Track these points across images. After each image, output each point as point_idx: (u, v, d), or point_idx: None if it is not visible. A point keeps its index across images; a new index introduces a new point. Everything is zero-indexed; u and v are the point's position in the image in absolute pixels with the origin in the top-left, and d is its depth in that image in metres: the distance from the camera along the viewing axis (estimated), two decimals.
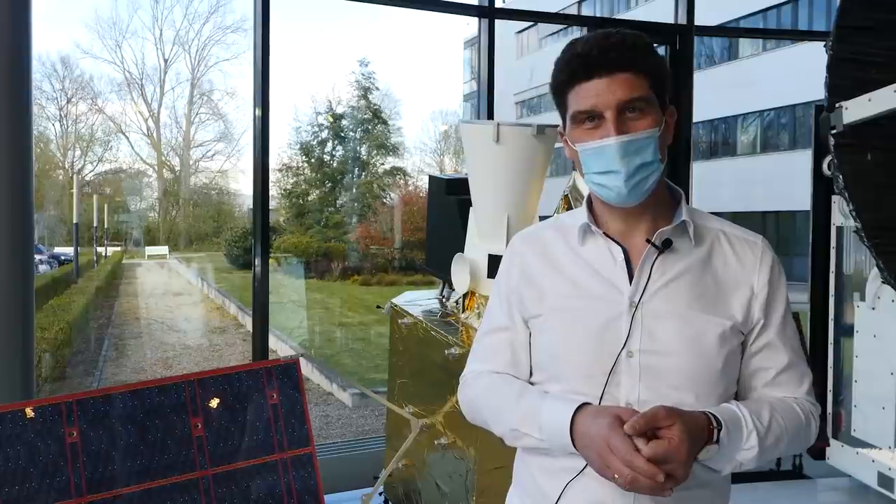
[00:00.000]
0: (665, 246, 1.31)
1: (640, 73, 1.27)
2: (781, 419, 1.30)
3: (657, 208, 1.35)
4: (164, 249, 21.31)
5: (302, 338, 14.88)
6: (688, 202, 1.40)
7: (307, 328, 15.88)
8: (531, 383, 1.41)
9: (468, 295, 2.98)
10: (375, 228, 21.39)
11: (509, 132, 2.74)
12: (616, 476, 1.17)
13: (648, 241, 1.32)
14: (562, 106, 1.34)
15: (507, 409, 1.38)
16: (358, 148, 24.20)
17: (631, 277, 1.32)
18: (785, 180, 19.75)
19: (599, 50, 1.26)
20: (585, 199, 1.42)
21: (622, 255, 1.33)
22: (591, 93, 1.26)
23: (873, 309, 3.57)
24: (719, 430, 1.21)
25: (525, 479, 1.43)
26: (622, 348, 1.28)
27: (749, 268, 1.35)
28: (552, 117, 1.43)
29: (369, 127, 24.05)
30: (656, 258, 1.31)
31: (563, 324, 1.34)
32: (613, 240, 1.34)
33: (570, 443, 1.24)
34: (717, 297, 1.32)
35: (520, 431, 1.34)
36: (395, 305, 3.29)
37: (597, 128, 1.28)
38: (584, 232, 1.37)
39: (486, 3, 4.45)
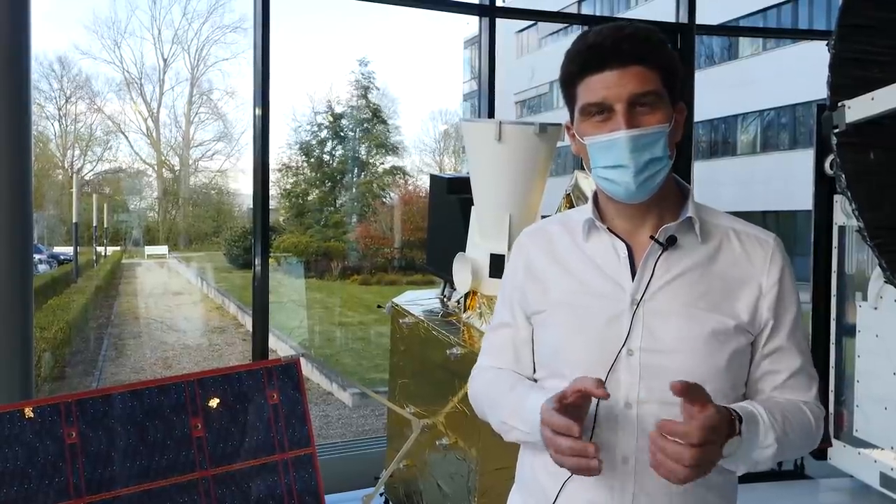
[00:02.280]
0: (670, 243, 1.29)
1: (652, 67, 1.24)
2: (793, 420, 1.28)
3: (664, 204, 1.33)
4: (163, 249, 21.28)
5: (302, 337, 14.87)
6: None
7: (307, 328, 15.88)
8: (534, 380, 1.41)
9: (469, 295, 2.96)
10: (375, 228, 21.38)
11: (511, 131, 2.73)
12: (554, 451, 1.16)
13: (653, 237, 1.30)
14: (570, 98, 1.31)
15: (500, 403, 1.38)
16: (357, 147, 24.19)
17: (634, 274, 1.30)
18: (785, 180, 19.75)
19: (612, 41, 1.23)
20: (591, 194, 1.40)
21: (626, 252, 1.31)
22: (601, 85, 1.23)
23: (875, 309, 3.57)
24: (741, 422, 1.18)
25: (527, 478, 1.42)
26: (622, 346, 1.26)
27: (758, 266, 1.32)
28: (552, 117, 1.43)
29: (368, 126, 24.03)
30: (660, 255, 1.29)
31: (566, 320, 1.33)
32: (618, 236, 1.33)
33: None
34: (723, 296, 1.29)
35: (508, 424, 1.34)
36: (397, 305, 3.28)
37: (606, 121, 1.25)
38: (589, 227, 1.35)
39: (487, 2, 4.44)
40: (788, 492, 3.92)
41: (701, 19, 4.77)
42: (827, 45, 2.63)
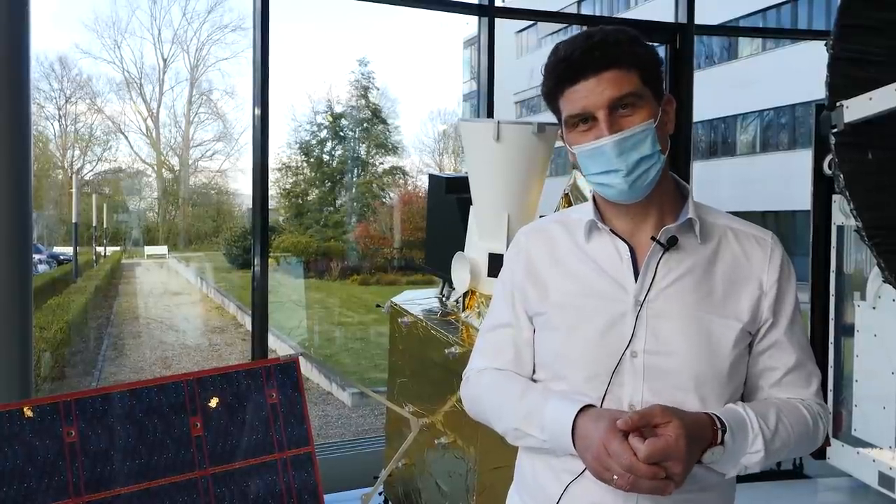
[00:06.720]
0: (671, 244, 1.29)
1: (627, 68, 1.24)
2: (788, 422, 1.27)
3: (664, 204, 1.33)
4: (163, 249, 21.28)
5: (301, 337, 14.87)
6: None
7: (306, 327, 15.87)
8: (534, 381, 1.39)
9: (468, 294, 2.97)
10: (375, 228, 21.38)
11: (509, 130, 2.74)
12: (616, 478, 1.14)
13: (654, 238, 1.29)
14: (555, 111, 1.33)
15: (509, 408, 1.35)
16: (357, 147, 24.20)
17: (637, 276, 1.29)
18: (784, 180, 19.77)
19: (582, 51, 1.24)
20: (591, 194, 1.39)
21: (629, 253, 1.30)
22: (579, 95, 1.25)
23: (874, 308, 3.57)
24: (724, 433, 1.19)
25: (527, 478, 1.41)
26: (626, 348, 1.25)
27: (758, 265, 1.32)
28: (551, 117, 1.42)
29: (368, 126, 24.04)
30: (661, 256, 1.29)
31: (567, 322, 1.31)
32: (620, 237, 1.32)
33: (572, 444, 1.22)
34: (725, 297, 1.29)
35: (522, 431, 1.32)
36: (395, 304, 3.28)
37: (590, 129, 1.26)
38: (591, 228, 1.35)
39: (486, 2, 4.45)
40: (787, 491, 3.92)
41: (700, 19, 4.77)
42: (825, 45, 2.64)
